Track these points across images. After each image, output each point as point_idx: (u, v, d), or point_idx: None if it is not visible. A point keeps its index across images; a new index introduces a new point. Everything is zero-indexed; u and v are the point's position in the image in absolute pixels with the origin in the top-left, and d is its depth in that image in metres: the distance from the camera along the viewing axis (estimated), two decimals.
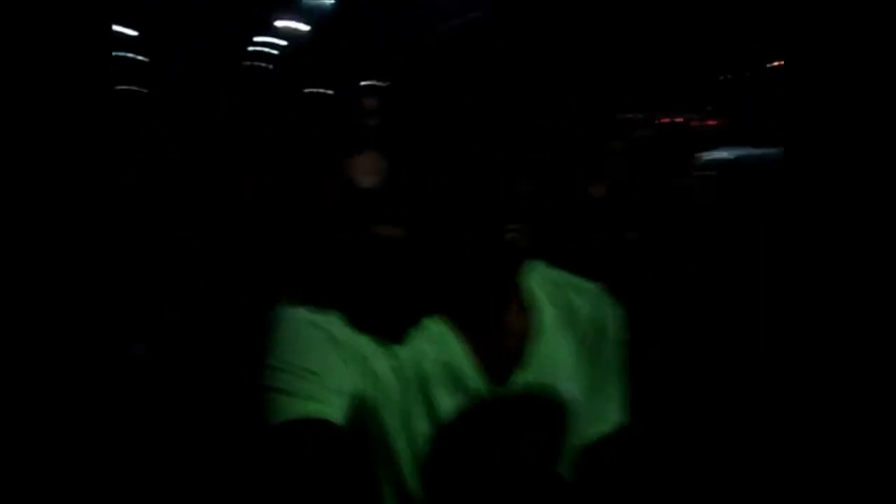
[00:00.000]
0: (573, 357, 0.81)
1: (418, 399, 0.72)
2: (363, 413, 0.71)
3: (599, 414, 0.82)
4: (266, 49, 19.84)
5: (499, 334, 0.77)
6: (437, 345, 0.75)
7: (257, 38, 19.36)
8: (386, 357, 0.72)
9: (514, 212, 0.67)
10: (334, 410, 0.67)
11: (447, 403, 0.73)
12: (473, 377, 0.74)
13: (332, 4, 16.66)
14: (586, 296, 0.85)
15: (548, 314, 0.81)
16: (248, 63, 18.96)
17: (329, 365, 0.69)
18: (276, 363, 0.69)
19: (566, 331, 0.82)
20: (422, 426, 0.72)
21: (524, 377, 0.77)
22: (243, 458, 0.69)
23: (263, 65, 19.36)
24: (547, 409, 0.76)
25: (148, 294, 3.14)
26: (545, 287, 0.82)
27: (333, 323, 0.71)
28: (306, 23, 17.57)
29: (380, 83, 0.74)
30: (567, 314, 0.82)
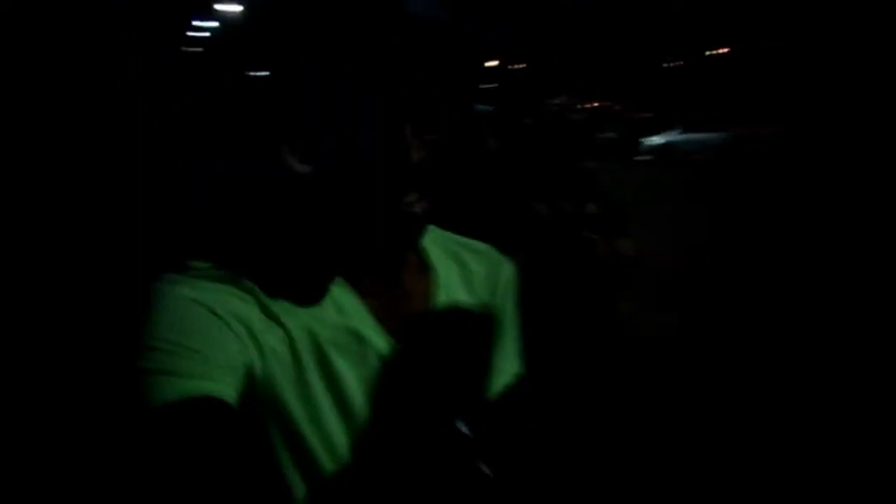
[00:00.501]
0: (470, 314, 0.83)
1: (315, 368, 0.69)
2: (255, 388, 0.66)
3: (498, 367, 0.84)
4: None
5: (399, 296, 0.77)
6: (337, 309, 0.72)
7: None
8: (276, 328, 0.68)
9: (413, 181, 0.69)
10: (223, 387, 0.62)
11: (347, 370, 0.71)
12: (376, 339, 0.73)
13: None
14: (480, 255, 0.86)
15: (444, 274, 0.82)
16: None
17: (212, 341, 0.63)
18: (155, 342, 0.63)
19: (462, 289, 0.83)
20: (321, 396, 0.69)
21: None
22: (127, 448, 0.61)
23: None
24: (446, 365, 0.77)
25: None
26: (440, 249, 0.84)
27: (217, 299, 0.66)
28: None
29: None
30: (462, 273, 0.84)
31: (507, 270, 0.88)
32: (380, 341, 0.74)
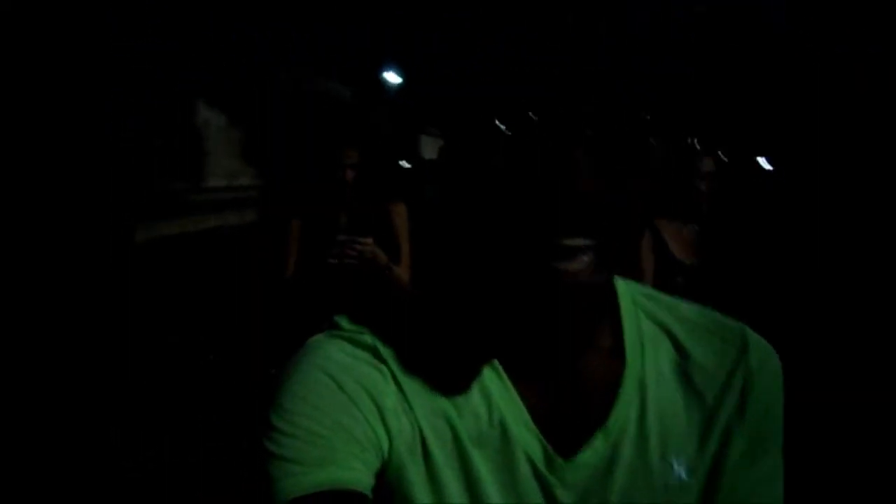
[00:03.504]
0: (685, 420, 0.60)
1: (451, 466, 0.57)
2: (386, 476, 0.57)
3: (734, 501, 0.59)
4: None
5: (567, 388, 0.59)
6: (484, 397, 0.58)
7: None
8: (411, 412, 0.58)
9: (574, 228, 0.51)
10: (348, 475, 0.55)
11: (487, 473, 0.57)
12: (526, 440, 0.57)
13: None
14: (709, 336, 0.63)
15: (636, 360, 0.60)
16: None
17: (335, 423, 0.56)
18: (278, 422, 0.56)
19: (670, 383, 0.61)
20: (457, 499, 0.57)
21: (603, 446, 0.58)
22: None
23: None
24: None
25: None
26: (645, 322, 0.63)
27: (348, 370, 0.58)
28: None
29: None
30: (674, 360, 0.62)
31: (758, 361, 0.61)
32: (531, 444, 0.58)
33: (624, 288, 0.64)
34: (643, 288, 0.66)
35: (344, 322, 0.62)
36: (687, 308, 0.65)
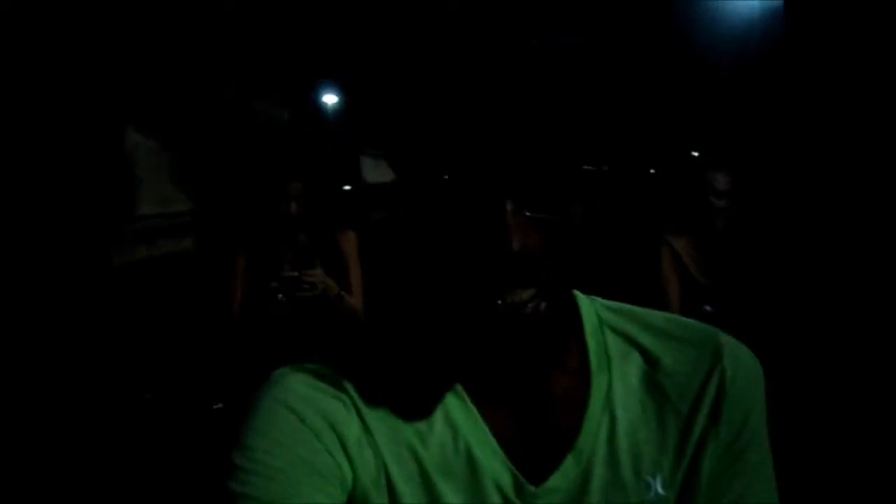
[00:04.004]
0: (658, 433, 0.57)
1: (418, 498, 0.55)
2: None
3: None
4: None
5: (532, 411, 0.57)
6: (449, 425, 0.56)
7: None
8: (374, 444, 0.56)
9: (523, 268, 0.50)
10: None
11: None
12: (495, 468, 0.55)
13: None
14: (681, 345, 0.60)
15: (616, 374, 0.58)
16: None
17: (297, 458, 0.54)
18: (240, 460, 0.54)
19: (646, 396, 0.58)
20: None
21: (574, 469, 0.56)
22: None
23: None
24: None
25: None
26: (612, 337, 0.60)
27: (310, 402, 0.56)
28: None
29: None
30: (644, 373, 0.59)
31: (733, 366, 0.59)
32: (500, 471, 0.56)
33: (587, 305, 0.63)
34: (608, 302, 0.64)
35: (308, 357, 0.60)
36: (656, 317, 0.63)
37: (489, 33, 0.55)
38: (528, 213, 0.52)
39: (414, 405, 0.58)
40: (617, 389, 0.59)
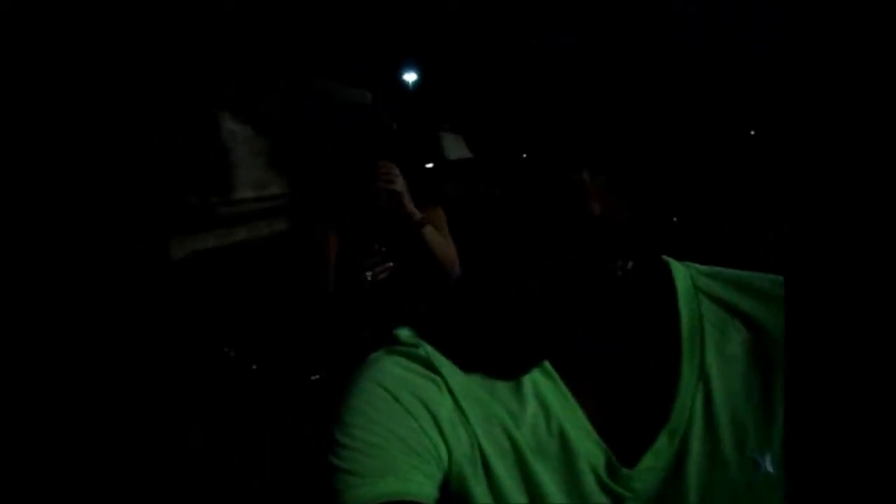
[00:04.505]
0: (764, 406, 0.53)
1: (512, 476, 0.54)
2: (449, 487, 0.55)
3: None
4: None
5: (629, 386, 0.55)
6: (541, 404, 0.56)
7: None
8: (468, 423, 0.56)
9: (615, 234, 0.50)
10: (409, 486, 0.52)
11: (549, 482, 0.54)
12: (587, 447, 0.54)
13: None
14: (771, 301, 0.56)
15: (710, 345, 0.55)
16: None
17: (393, 435, 0.54)
18: (339, 436, 0.55)
19: (751, 367, 0.55)
20: None
21: (669, 447, 0.54)
22: None
23: None
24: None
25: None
26: (706, 304, 0.57)
27: (403, 382, 0.57)
28: None
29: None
30: (753, 339, 0.55)
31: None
32: (593, 453, 0.55)
33: (682, 272, 0.60)
34: (705, 268, 0.62)
35: (402, 335, 0.61)
36: (761, 280, 0.59)
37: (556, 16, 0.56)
38: (604, 179, 0.52)
39: (505, 385, 0.57)
40: (711, 361, 0.56)
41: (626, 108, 0.55)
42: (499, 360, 0.58)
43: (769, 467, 0.53)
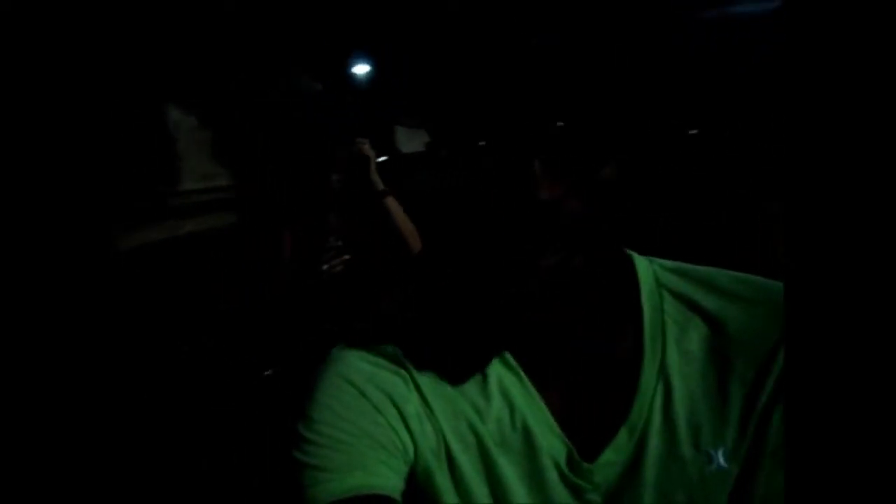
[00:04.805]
0: (720, 403, 0.54)
1: (476, 471, 0.56)
2: (414, 481, 0.57)
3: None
4: None
5: (590, 382, 0.56)
6: (505, 400, 0.56)
7: None
8: (433, 417, 0.57)
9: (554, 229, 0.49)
10: (374, 480, 0.53)
11: (513, 477, 0.55)
12: (550, 442, 0.55)
13: None
14: (748, 305, 0.56)
15: (672, 342, 0.56)
16: None
17: (359, 430, 0.55)
18: (306, 431, 0.56)
19: (708, 363, 0.55)
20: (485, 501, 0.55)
21: (628, 442, 0.55)
22: None
23: None
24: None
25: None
26: (670, 301, 0.58)
27: (370, 377, 0.58)
28: None
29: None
30: (712, 336, 0.56)
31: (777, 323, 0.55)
32: (556, 447, 0.56)
33: (644, 266, 0.61)
34: (669, 263, 0.63)
35: (365, 330, 0.62)
36: (722, 277, 0.60)
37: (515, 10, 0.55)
38: (557, 168, 0.52)
39: (470, 380, 0.59)
40: (672, 358, 0.57)
41: (586, 99, 0.55)
42: (461, 354, 0.59)
43: (722, 461, 0.55)
